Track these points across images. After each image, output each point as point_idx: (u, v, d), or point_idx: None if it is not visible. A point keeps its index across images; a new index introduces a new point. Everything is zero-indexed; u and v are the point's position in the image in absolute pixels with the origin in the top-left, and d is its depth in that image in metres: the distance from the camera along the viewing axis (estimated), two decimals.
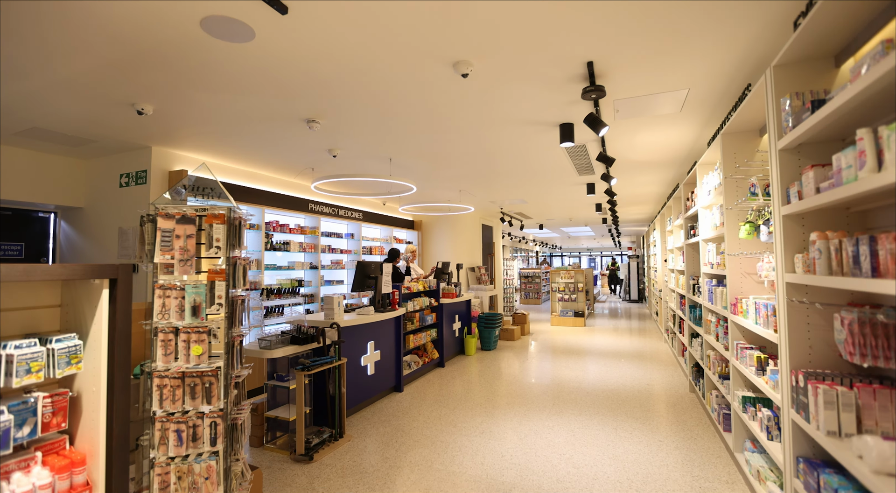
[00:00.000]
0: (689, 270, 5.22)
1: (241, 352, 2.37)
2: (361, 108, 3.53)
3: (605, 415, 4.47)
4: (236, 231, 2.20)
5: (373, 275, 5.00)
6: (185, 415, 2.04)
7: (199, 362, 2.07)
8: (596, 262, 33.75)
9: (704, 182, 4.20)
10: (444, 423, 4.32)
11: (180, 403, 2.04)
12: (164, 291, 2.05)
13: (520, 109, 3.61)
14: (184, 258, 2.06)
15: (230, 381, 2.14)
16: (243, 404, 2.33)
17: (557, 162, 5.44)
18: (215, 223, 2.11)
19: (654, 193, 8.11)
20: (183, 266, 2.05)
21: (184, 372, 2.05)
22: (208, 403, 2.07)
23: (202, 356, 2.07)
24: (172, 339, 2.06)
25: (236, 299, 2.19)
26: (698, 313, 4.70)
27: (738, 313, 3.06)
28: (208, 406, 2.07)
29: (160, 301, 2.04)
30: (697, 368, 4.91)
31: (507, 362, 6.99)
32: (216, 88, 3.08)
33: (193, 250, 2.09)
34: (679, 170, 6.02)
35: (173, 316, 2.05)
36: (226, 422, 2.09)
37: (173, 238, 2.05)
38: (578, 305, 11.05)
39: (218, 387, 2.09)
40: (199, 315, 2.07)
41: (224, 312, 2.12)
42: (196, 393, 2.06)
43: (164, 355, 2.04)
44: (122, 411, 1.85)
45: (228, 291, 2.13)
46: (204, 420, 2.06)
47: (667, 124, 4.07)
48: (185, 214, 2.09)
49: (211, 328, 2.12)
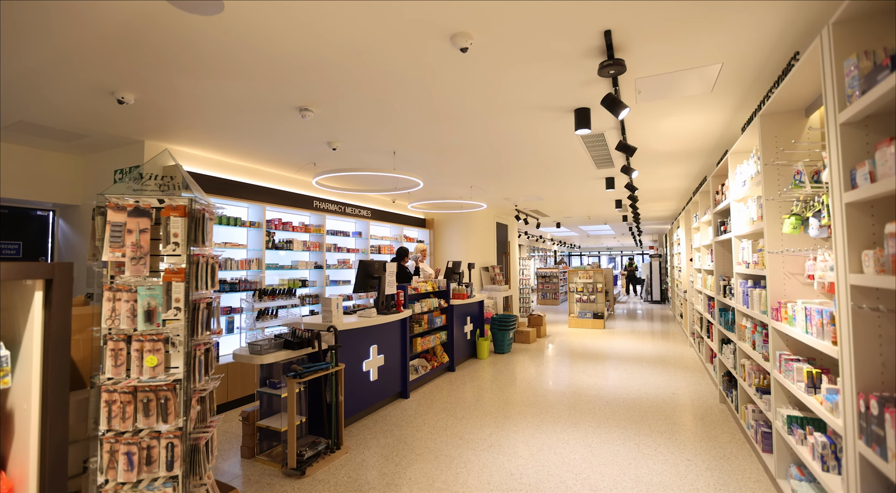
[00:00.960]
0: (719, 269, 4.79)
1: (210, 362, 2.11)
2: (357, 93, 3.25)
3: (627, 428, 4.09)
4: (200, 225, 1.93)
5: (376, 275, 4.73)
6: (137, 435, 1.77)
7: (155, 375, 1.80)
8: (616, 261, 32.92)
9: (738, 173, 3.79)
10: (450, 434, 4.01)
11: (131, 421, 1.78)
12: (114, 293, 1.79)
13: (529, 93, 3.27)
14: (136, 256, 1.80)
15: (191, 396, 1.87)
16: (211, 422, 2.07)
17: (573, 153, 5.06)
18: (173, 216, 1.85)
19: (679, 187, 7.63)
20: (135, 265, 1.79)
21: (136, 386, 1.79)
22: (164, 421, 1.80)
23: (157, 368, 1.80)
24: (124, 348, 1.80)
25: (199, 303, 1.92)
26: (730, 318, 4.27)
27: (781, 320, 2.67)
28: (165, 425, 1.81)
29: (109, 305, 1.79)
30: (729, 377, 4.48)
31: (521, 366, 6.64)
32: (197, 71, 2.83)
33: (148, 246, 1.83)
34: (707, 161, 5.57)
35: (124, 322, 1.79)
36: (185, 443, 1.82)
37: (125, 233, 1.79)
38: (597, 306, 10.59)
39: (175, 403, 1.82)
40: (153, 321, 1.81)
41: (183, 317, 1.85)
42: (150, 410, 1.79)
43: (114, 366, 1.79)
44: (57, 431, 1.60)
45: (189, 293, 1.86)
46: (160, 441, 1.79)
47: (695, 108, 3.67)
48: (139, 205, 1.83)
49: (169, 336, 1.85)
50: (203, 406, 1.98)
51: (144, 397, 1.79)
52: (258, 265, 5.20)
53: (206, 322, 2.05)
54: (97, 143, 4.29)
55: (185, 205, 1.89)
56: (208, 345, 2.04)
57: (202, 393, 1.96)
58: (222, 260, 4.84)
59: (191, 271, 1.88)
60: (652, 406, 4.69)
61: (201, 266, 1.93)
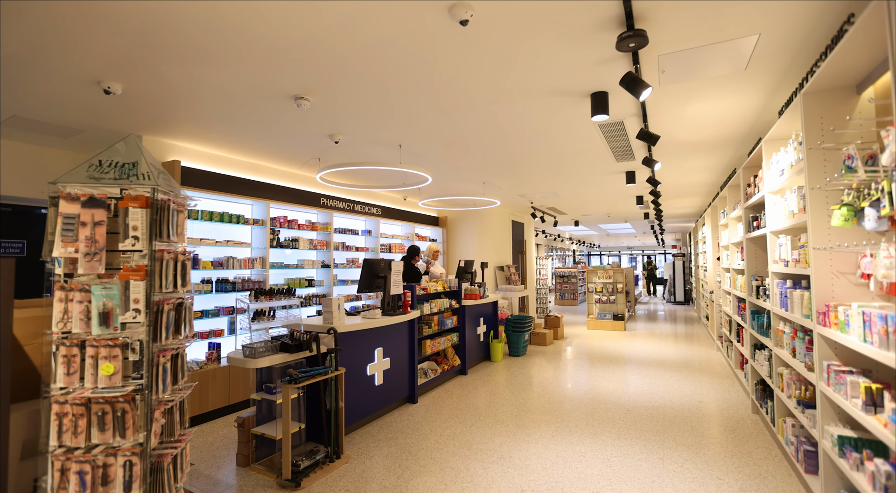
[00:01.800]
0: (751, 269, 4.42)
1: (183, 369, 1.91)
2: (353, 78, 3.03)
3: (649, 440, 3.77)
4: (165, 217, 1.73)
5: (381, 274, 4.51)
6: (90, 453, 1.58)
7: (111, 384, 1.61)
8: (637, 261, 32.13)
9: (774, 162, 3.44)
10: (459, 443, 3.76)
11: (84, 436, 1.58)
12: (66, 292, 1.60)
13: (540, 75, 3.00)
14: (91, 251, 1.60)
15: (153, 408, 1.66)
16: (181, 436, 1.86)
17: (591, 145, 4.75)
18: (133, 207, 1.65)
19: (705, 181, 7.20)
20: (89, 261, 1.60)
21: (89, 397, 1.59)
22: (122, 436, 1.60)
23: (114, 377, 1.61)
24: (78, 354, 1.60)
25: (163, 304, 1.72)
26: (764, 321, 3.91)
27: (830, 325, 2.33)
28: (122, 441, 1.61)
29: (61, 306, 1.60)
30: (763, 386, 4.11)
31: (537, 370, 6.34)
32: (181, 57, 2.65)
33: (104, 240, 1.63)
34: (737, 151, 5.17)
35: (77, 325, 1.60)
36: (145, 461, 1.61)
37: (78, 226, 1.59)
38: (618, 307, 10.19)
39: (134, 416, 1.62)
40: (110, 324, 1.61)
41: (144, 319, 1.65)
42: (106, 424, 1.60)
43: (66, 374, 1.59)
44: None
45: (150, 293, 1.66)
46: (117, 459, 1.60)
47: (725, 90, 3.34)
48: (93, 195, 1.63)
49: (129, 341, 1.65)
50: (171, 419, 1.77)
51: (99, 410, 1.59)
52: (262, 264, 5.04)
53: (176, 325, 1.85)
54: (95, 139, 4.19)
55: (146, 194, 1.68)
56: (177, 350, 1.84)
57: (168, 404, 1.75)
58: (224, 259, 4.69)
59: (154, 268, 1.68)
60: (677, 416, 4.35)
61: (167, 263, 1.73)
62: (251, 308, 3.33)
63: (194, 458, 3.56)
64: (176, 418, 1.81)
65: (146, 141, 4.15)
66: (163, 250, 1.72)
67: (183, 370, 1.90)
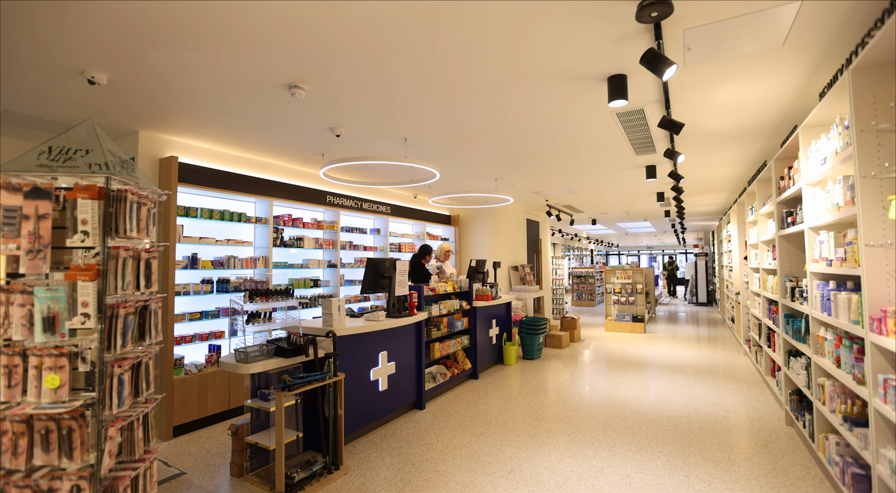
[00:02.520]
0: (784, 269, 4.07)
1: (149, 380, 1.72)
2: (349, 61, 2.82)
3: (673, 454, 3.47)
4: (122, 210, 1.54)
5: (386, 274, 4.30)
6: (31, 476, 1.39)
7: (57, 399, 1.42)
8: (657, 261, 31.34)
9: (813, 151, 3.11)
10: (466, 455, 3.52)
11: (25, 457, 1.39)
12: (6, 294, 1.42)
13: (552, 56, 2.74)
14: (34, 248, 1.42)
15: (106, 426, 1.47)
16: (145, 456, 1.67)
17: (608, 136, 4.46)
18: (82, 198, 1.46)
19: (731, 176, 6.80)
20: (32, 260, 1.41)
21: (31, 413, 1.40)
22: (69, 457, 1.42)
23: (61, 390, 1.42)
24: (20, 364, 1.42)
25: (119, 308, 1.53)
26: (800, 326, 3.57)
27: (887, 333, 2.02)
28: (69, 462, 1.42)
29: (1, 310, 1.42)
30: (799, 396, 3.77)
31: (552, 374, 6.05)
32: (163, 41, 2.48)
33: (49, 236, 1.45)
34: (768, 142, 4.81)
35: (18, 331, 1.42)
36: (95, 486, 1.42)
37: (20, 219, 1.41)
38: (637, 308, 9.80)
39: (83, 435, 1.43)
40: (55, 330, 1.42)
41: (95, 325, 1.46)
42: (50, 443, 1.41)
43: (6, 387, 1.41)
44: None
45: (102, 296, 1.47)
46: (63, 483, 1.41)
47: (758, 70, 3.02)
48: (37, 184, 1.45)
49: (80, 349, 1.46)
50: (130, 436, 1.58)
51: (43, 428, 1.41)
52: (265, 264, 4.89)
53: (141, 331, 1.66)
54: None
55: (99, 184, 1.49)
56: (140, 359, 1.65)
57: (127, 420, 1.56)
58: (224, 258, 4.55)
59: (108, 267, 1.49)
60: (703, 427, 4.03)
61: (125, 262, 1.54)
62: (245, 310, 3.15)
63: (188, 466, 3.41)
64: (137, 435, 1.61)
65: (143, 137, 4.03)
66: (119, 246, 1.53)
67: (148, 381, 1.71)
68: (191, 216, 4.28)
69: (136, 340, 1.66)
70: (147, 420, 1.68)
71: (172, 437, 3.93)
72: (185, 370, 4.09)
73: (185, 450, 3.71)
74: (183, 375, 4.05)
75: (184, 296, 4.17)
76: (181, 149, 4.32)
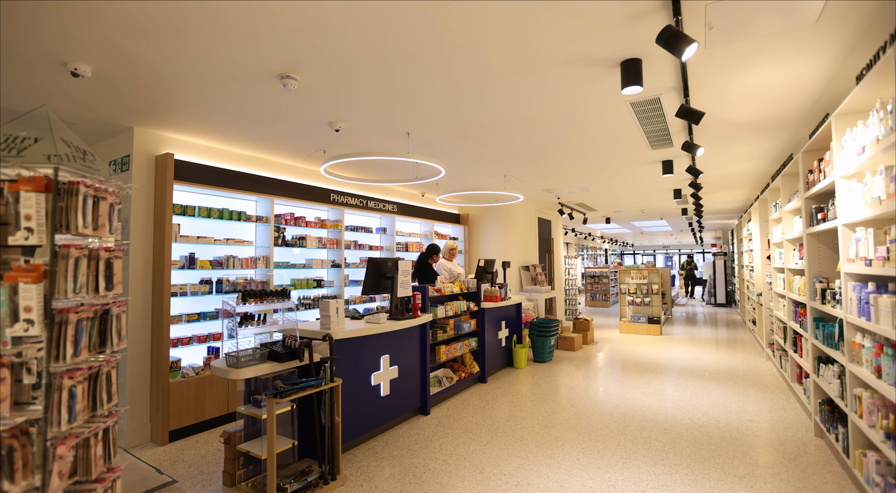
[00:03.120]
0: (813, 269, 3.79)
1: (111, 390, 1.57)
2: (346, 49, 2.66)
3: (692, 468, 3.23)
4: (75, 204, 1.38)
5: (388, 274, 4.13)
6: None
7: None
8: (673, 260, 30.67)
9: (849, 139, 2.85)
10: (470, 465, 3.33)
11: None
12: None
13: (562, 38, 2.54)
14: None
15: (54, 444, 1.32)
16: (108, 473, 1.52)
17: (622, 128, 4.22)
18: (25, 191, 1.31)
19: (753, 171, 6.48)
20: None
21: None
22: (10, 480, 1.27)
23: (2, 405, 1.27)
24: None
25: (69, 313, 1.37)
26: (832, 331, 3.29)
27: None
28: (11, 485, 1.27)
29: None
30: (831, 406, 3.49)
31: (564, 378, 5.82)
32: (141, 28, 2.34)
33: None
34: (795, 133, 4.51)
35: None
36: None
37: None
38: (653, 309, 9.48)
39: (27, 454, 1.28)
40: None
41: (41, 332, 1.31)
42: None
43: None
44: None
45: (48, 300, 1.31)
46: None
47: (787, 52, 2.77)
48: None
49: (25, 360, 1.31)
50: (86, 455, 1.43)
51: None
52: (266, 263, 4.76)
53: (102, 338, 1.51)
54: (87, 131, 3.98)
55: (46, 175, 1.34)
56: (98, 369, 1.49)
57: (81, 437, 1.41)
58: (224, 258, 4.43)
59: (56, 268, 1.33)
60: (724, 437, 3.77)
61: (77, 262, 1.38)
62: (238, 311, 3.01)
63: (181, 474, 3.28)
64: (95, 452, 1.46)
65: (138, 133, 3.92)
66: (70, 245, 1.37)
67: (110, 393, 1.55)
68: (188, 215, 4.16)
69: (96, 347, 1.51)
70: (108, 436, 1.53)
71: (168, 442, 3.82)
72: (181, 373, 3.98)
73: (180, 456, 3.59)
74: (180, 378, 3.94)
75: (181, 297, 4.06)
76: (178, 146, 4.21)
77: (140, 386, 3.86)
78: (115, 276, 1.57)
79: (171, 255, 3.90)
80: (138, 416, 3.83)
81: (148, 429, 3.87)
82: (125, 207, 3.91)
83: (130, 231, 3.83)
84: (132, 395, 3.81)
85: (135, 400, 3.82)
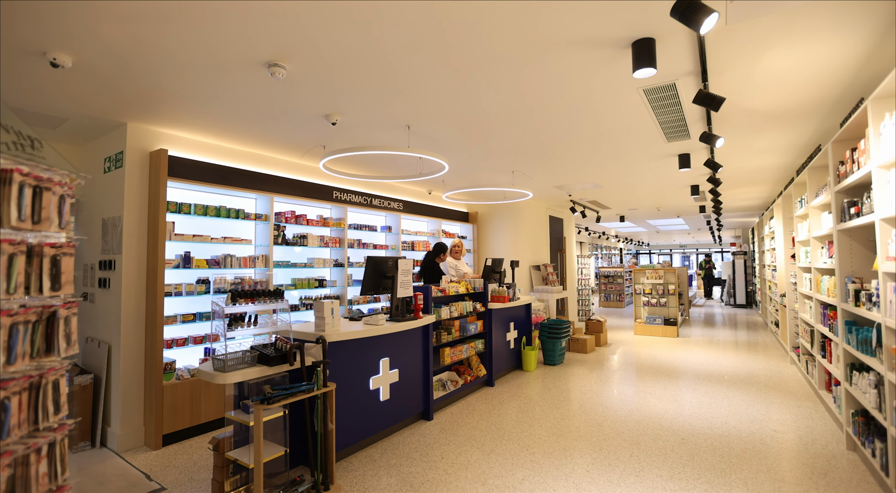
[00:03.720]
0: (845, 268, 3.50)
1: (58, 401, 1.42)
2: (336, 32, 2.48)
3: (712, 482, 2.99)
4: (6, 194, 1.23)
5: (389, 274, 3.96)
6: None
7: None
8: (690, 260, 29.98)
9: (888, 125, 2.58)
10: (472, 476, 3.14)
11: None
12: None
13: (570, 16, 2.33)
14: None
15: None
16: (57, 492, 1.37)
17: (635, 120, 3.98)
18: None
19: (776, 165, 6.15)
20: None
21: None
22: None
23: None
24: None
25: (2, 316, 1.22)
26: (868, 336, 3.01)
27: None
28: None
29: None
30: (865, 417, 3.20)
31: (575, 382, 5.58)
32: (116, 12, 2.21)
33: None
34: (824, 123, 4.21)
35: None
36: None
37: None
38: (669, 310, 9.15)
39: None
40: None
41: None
42: None
43: None
44: None
45: None
46: None
47: (817, 29, 2.52)
48: None
49: None
50: (24, 473, 1.27)
51: None
52: (265, 263, 4.64)
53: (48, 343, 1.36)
54: (81, 127, 3.89)
55: None
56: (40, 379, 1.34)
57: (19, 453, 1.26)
58: (221, 257, 4.31)
59: None
60: (746, 449, 3.51)
61: (12, 259, 1.23)
62: (226, 312, 2.86)
63: (170, 480, 3.16)
64: (37, 470, 1.31)
65: (131, 129, 3.82)
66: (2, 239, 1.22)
67: (58, 404, 1.40)
68: (183, 213, 4.05)
69: (41, 354, 1.36)
70: (54, 451, 1.38)
71: (161, 446, 3.71)
72: (176, 375, 3.87)
73: (172, 461, 3.47)
74: (174, 380, 3.83)
75: (176, 297, 3.95)
76: (173, 142, 4.10)
77: (133, 388, 3.76)
78: (64, 274, 1.42)
79: (164, 253, 3.79)
80: (132, 419, 3.73)
81: (142, 433, 3.76)
82: (117, 205, 3.81)
83: (123, 229, 3.73)
84: (125, 397, 3.71)
85: (128, 403, 3.72)
